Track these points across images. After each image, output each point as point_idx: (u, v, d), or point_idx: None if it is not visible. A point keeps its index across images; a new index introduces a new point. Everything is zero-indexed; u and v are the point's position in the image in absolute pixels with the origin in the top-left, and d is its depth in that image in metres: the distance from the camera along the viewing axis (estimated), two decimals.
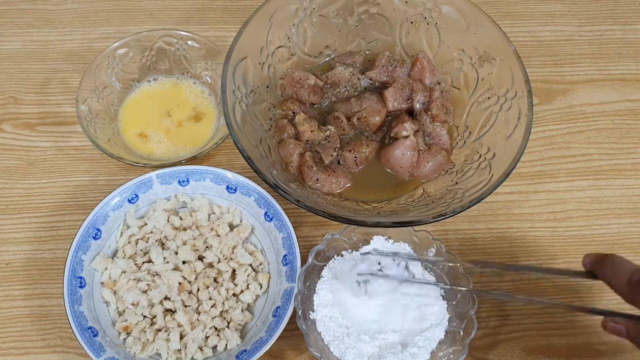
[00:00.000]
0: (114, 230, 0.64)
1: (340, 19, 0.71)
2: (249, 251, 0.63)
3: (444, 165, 0.65)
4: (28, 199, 0.70)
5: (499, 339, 0.62)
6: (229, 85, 0.61)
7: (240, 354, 0.56)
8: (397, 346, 0.55)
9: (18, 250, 0.66)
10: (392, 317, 0.58)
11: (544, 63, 0.80)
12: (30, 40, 0.81)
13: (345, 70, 0.71)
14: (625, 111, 0.77)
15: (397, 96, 0.68)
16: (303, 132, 0.66)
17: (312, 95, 0.69)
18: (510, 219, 0.69)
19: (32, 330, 0.62)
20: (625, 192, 0.71)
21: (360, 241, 0.61)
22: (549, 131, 0.75)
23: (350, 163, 0.66)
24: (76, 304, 0.58)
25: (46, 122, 0.75)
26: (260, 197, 0.64)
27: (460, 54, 0.69)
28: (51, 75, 0.78)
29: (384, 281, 0.59)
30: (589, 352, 0.62)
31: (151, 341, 0.58)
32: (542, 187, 0.71)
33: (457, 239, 0.68)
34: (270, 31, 0.67)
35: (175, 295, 0.60)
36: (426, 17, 0.70)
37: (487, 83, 0.66)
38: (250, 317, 0.61)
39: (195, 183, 0.66)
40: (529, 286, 0.65)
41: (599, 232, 0.68)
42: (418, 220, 0.56)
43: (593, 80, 0.79)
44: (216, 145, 0.68)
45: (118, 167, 0.71)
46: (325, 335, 0.56)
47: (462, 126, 0.68)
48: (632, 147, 0.74)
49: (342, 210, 0.60)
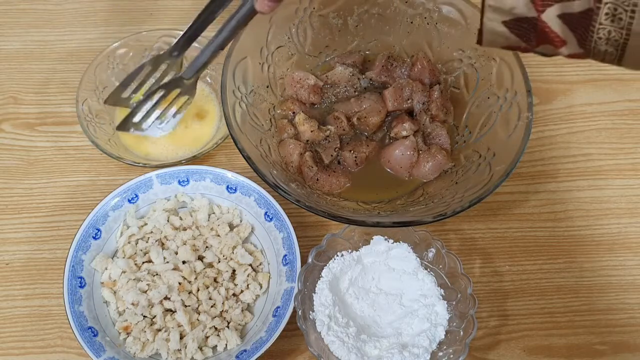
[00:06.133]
0: (114, 230, 0.64)
1: (340, 19, 0.71)
2: (249, 251, 0.63)
3: (443, 165, 0.65)
4: (28, 199, 0.70)
5: (499, 339, 0.62)
6: (229, 85, 0.61)
7: (240, 354, 0.56)
8: (397, 346, 0.55)
9: (18, 250, 0.66)
10: (392, 317, 0.58)
11: (544, 63, 0.80)
12: (30, 40, 0.81)
13: (345, 70, 0.71)
14: (625, 111, 0.77)
15: (397, 96, 0.68)
16: (303, 132, 0.66)
17: (312, 95, 0.69)
18: (510, 219, 0.69)
19: (32, 330, 0.62)
20: (625, 192, 0.71)
21: (360, 241, 0.61)
22: (549, 131, 0.75)
23: (350, 163, 0.66)
24: (76, 304, 0.58)
25: (46, 122, 0.75)
26: (260, 197, 0.64)
27: (460, 54, 0.69)
28: (51, 75, 0.78)
29: (386, 280, 0.59)
30: (589, 352, 0.62)
31: (151, 341, 0.58)
32: (542, 187, 0.71)
33: (457, 239, 0.68)
34: (270, 31, 0.67)
35: (175, 295, 0.60)
36: (426, 17, 0.70)
37: (487, 83, 0.66)
38: (250, 317, 0.61)
39: (195, 183, 0.66)
40: (529, 286, 0.65)
41: (599, 232, 0.68)
42: (418, 220, 0.56)
43: (593, 80, 0.79)
44: (216, 145, 0.68)
45: (118, 167, 0.71)
46: (325, 335, 0.56)
47: (462, 126, 0.68)
48: (632, 147, 0.74)
49: (342, 210, 0.61)
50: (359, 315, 0.58)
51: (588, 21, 0.38)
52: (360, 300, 0.58)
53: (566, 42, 0.41)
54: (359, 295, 0.59)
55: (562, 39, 0.40)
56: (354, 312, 0.58)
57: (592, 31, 0.38)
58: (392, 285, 0.59)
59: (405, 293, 0.59)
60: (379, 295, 0.59)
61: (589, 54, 0.40)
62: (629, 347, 0.62)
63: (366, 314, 0.58)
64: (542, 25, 0.41)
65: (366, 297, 0.59)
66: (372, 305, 0.58)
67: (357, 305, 0.58)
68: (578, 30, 0.39)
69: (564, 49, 0.41)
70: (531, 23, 0.41)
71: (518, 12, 0.41)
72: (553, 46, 0.42)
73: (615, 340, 0.63)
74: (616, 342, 0.62)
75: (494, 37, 0.44)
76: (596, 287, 0.65)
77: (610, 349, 0.62)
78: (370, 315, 0.58)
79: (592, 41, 0.39)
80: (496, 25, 0.43)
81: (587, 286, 0.65)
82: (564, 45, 0.41)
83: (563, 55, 0.42)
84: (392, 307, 0.58)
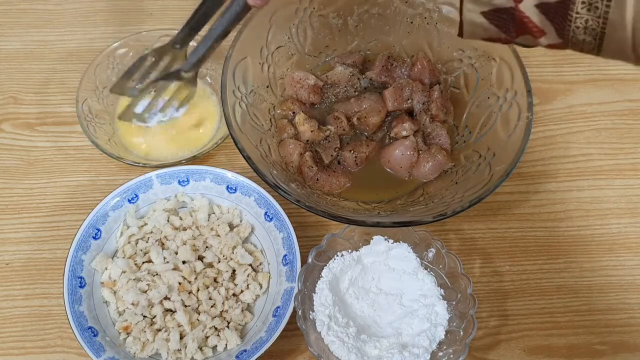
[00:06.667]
0: (114, 230, 0.64)
1: (340, 19, 0.71)
2: (249, 251, 0.63)
3: (443, 165, 0.65)
4: (28, 199, 0.70)
5: (499, 339, 0.62)
6: (229, 85, 0.61)
7: (240, 354, 0.56)
8: (397, 346, 0.55)
9: (18, 250, 0.66)
10: (392, 317, 0.58)
11: (544, 63, 0.80)
12: (30, 40, 0.81)
13: (345, 70, 0.71)
14: (625, 111, 0.77)
15: (397, 96, 0.68)
16: (303, 132, 0.66)
17: (312, 95, 0.69)
18: (510, 219, 0.69)
19: (32, 330, 0.62)
20: (625, 192, 0.71)
21: (360, 241, 0.61)
22: (549, 131, 0.75)
23: (350, 163, 0.66)
24: (76, 304, 0.58)
25: (46, 122, 0.75)
26: (260, 197, 0.64)
27: (460, 54, 0.69)
28: (51, 75, 0.78)
29: (386, 280, 0.59)
30: (589, 352, 0.62)
31: (151, 341, 0.58)
32: (542, 187, 0.71)
33: (457, 239, 0.68)
34: (270, 31, 0.67)
35: (175, 295, 0.60)
36: (426, 17, 0.70)
37: (487, 83, 0.66)
38: (250, 317, 0.61)
39: (195, 183, 0.66)
40: (529, 286, 0.65)
41: (599, 232, 0.68)
42: (418, 220, 0.56)
43: (593, 80, 0.79)
44: (216, 145, 0.68)
45: (118, 167, 0.71)
46: (325, 335, 0.56)
47: (462, 126, 0.68)
48: (632, 147, 0.74)
49: (342, 210, 0.61)
50: (359, 315, 0.58)
51: (565, 10, 0.38)
52: (360, 300, 0.58)
53: (545, 32, 0.41)
54: (359, 295, 0.59)
55: (541, 29, 0.41)
56: (354, 312, 0.58)
57: (569, 20, 0.39)
58: (392, 285, 0.59)
59: (405, 293, 0.59)
60: (379, 295, 0.59)
61: (568, 44, 0.40)
62: (629, 347, 0.62)
63: (366, 314, 0.58)
64: (520, 15, 0.41)
65: (366, 297, 0.59)
66: (372, 305, 0.58)
67: (357, 305, 0.58)
68: (556, 19, 0.39)
69: (543, 39, 0.41)
70: (509, 13, 0.41)
71: (496, 3, 0.41)
72: (532, 36, 0.42)
73: (615, 340, 0.63)
74: (616, 342, 0.62)
75: (473, 28, 0.44)
76: (596, 287, 0.65)
77: (610, 349, 0.62)
78: (370, 315, 0.58)
79: (570, 30, 0.39)
80: (475, 17, 0.43)
81: (587, 286, 0.65)
82: (543, 35, 0.41)
83: (543, 46, 0.42)
84: (392, 307, 0.58)
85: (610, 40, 0.38)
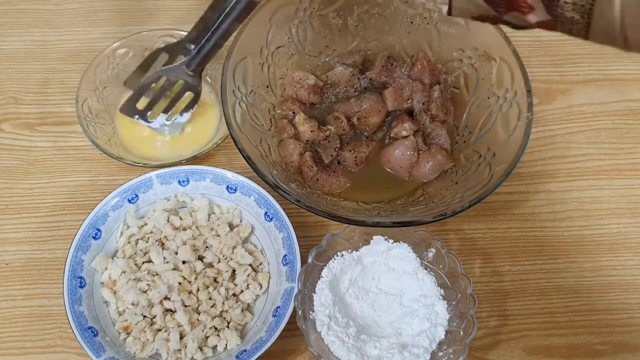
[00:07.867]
0: (114, 230, 0.64)
1: (340, 19, 0.71)
2: (249, 251, 0.63)
3: (443, 165, 0.65)
4: (28, 199, 0.70)
5: (499, 339, 0.62)
6: (229, 85, 0.61)
7: (240, 354, 0.56)
8: (397, 346, 0.55)
9: (18, 250, 0.66)
10: (392, 317, 0.58)
11: (544, 63, 0.80)
12: (30, 40, 0.81)
13: (345, 70, 0.71)
14: (625, 111, 0.77)
15: (397, 96, 0.68)
16: (303, 132, 0.66)
17: (312, 95, 0.69)
18: (510, 219, 0.69)
19: (32, 330, 0.62)
20: (625, 192, 0.71)
21: (360, 241, 0.61)
22: (549, 131, 0.75)
23: (350, 163, 0.66)
24: (76, 304, 0.58)
25: (46, 122, 0.75)
26: (260, 197, 0.64)
27: (460, 54, 0.69)
28: (51, 75, 0.78)
29: (386, 280, 0.59)
30: (589, 352, 0.62)
31: (151, 341, 0.58)
32: (542, 187, 0.71)
33: (457, 239, 0.68)
34: (270, 31, 0.67)
35: (175, 295, 0.60)
36: (426, 17, 0.70)
37: (487, 83, 0.66)
38: (250, 317, 0.61)
39: (195, 183, 0.66)
40: (529, 286, 0.65)
41: (599, 232, 0.68)
42: (418, 220, 0.55)
43: (593, 80, 0.79)
44: (216, 145, 0.68)
45: (118, 167, 0.71)
46: (325, 335, 0.56)
47: (462, 126, 0.68)
48: (632, 147, 0.74)
49: (342, 210, 0.60)
50: (359, 315, 0.58)
51: None
52: (360, 300, 0.58)
53: (534, 7, 0.40)
54: (359, 295, 0.59)
55: (530, 5, 0.40)
56: (354, 312, 0.58)
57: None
58: (392, 285, 0.59)
59: (405, 293, 0.59)
60: (379, 295, 0.59)
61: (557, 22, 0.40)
62: (629, 347, 0.62)
63: (366, 314, 0.58)
64: None
65: (366, 297, 0.59)
66: (372, 305, 0.58)
67: (357, 305, 0.58)
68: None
69: (532, 16, 0.41)
70: None
71: None
72: (521, 12, 0.41)
73: (615, 340, 0.63)
74: (616, 342, 0.62)
75: (463, 4, 0.44)
76: (596, 287, 0.65)
77: (610, 349, 0.62)
78: (370, 315, 0.58)
79: (558, 6, 0.39)
80: None
81: (587, 286, 0.65)
82: (532, 11, 0.41)
83: (532, 25, 0.42)
84: (392, 307, 0.58)
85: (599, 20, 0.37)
